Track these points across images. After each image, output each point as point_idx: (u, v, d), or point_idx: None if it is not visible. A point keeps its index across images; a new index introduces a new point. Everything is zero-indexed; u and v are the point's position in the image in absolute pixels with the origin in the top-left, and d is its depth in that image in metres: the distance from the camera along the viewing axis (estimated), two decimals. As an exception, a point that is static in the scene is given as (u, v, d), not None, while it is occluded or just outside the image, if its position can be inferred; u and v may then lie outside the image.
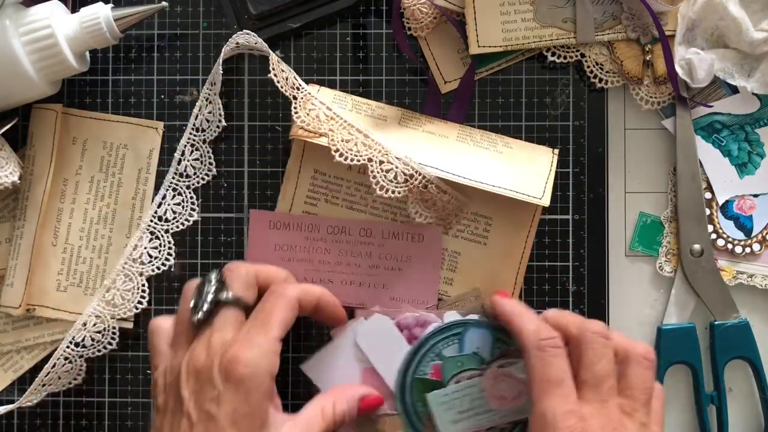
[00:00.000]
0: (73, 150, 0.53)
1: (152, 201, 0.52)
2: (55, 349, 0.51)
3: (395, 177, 0.48)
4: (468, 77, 0.52)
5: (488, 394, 0.47)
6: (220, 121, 0.51)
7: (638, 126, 0.53)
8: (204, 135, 0.52)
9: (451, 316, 0.49)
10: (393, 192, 0.48)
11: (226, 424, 0.40)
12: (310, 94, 0.49)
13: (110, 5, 0.49)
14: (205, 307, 0.43)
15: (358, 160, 0.48)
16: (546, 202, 0.49)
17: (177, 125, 0.53)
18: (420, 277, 0.51)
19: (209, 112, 0.52)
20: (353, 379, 0.49)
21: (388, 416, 0.48)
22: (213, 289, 0.43)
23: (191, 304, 0.43)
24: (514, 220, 0.51)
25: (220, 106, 0.51)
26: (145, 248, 0.52)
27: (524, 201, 0.49)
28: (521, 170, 0.49)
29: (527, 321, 0.44)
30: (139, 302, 0.52)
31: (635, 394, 0.42)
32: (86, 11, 0.49)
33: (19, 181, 0.50)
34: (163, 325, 0.45)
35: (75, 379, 0.53)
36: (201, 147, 0.52)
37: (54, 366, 0.51)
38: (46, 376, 0.51)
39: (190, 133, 0.52)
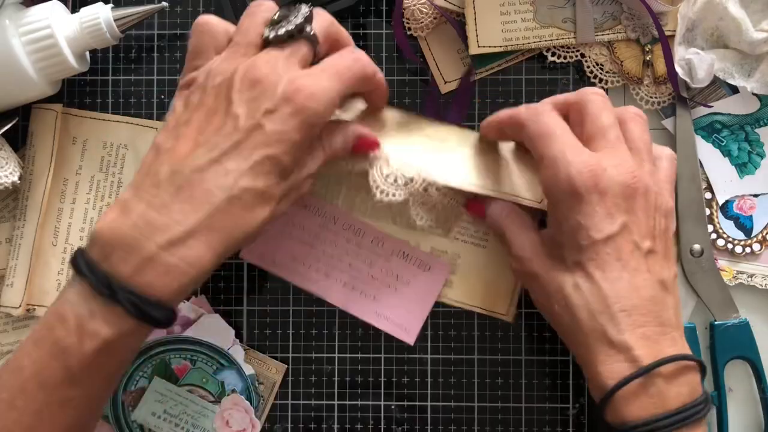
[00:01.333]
0: (73, 150, 0.53)
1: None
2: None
3: (395, 180, 0.48)
4: (466, 79, 0.52)
5: None
6: None
7: (638, 126, 0.53)
8: None
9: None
10: (393, 195, 0.47)
11: (273, 140, 0.39)
12: None
13: (110, 5, 0.49)
14: (288, 27, 0.41)
15: (360, 166, 0.48)
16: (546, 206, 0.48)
17: (177, 125, 0.53)
18: (411, 304, 0.51)
19: None
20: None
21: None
22: (301, 18, 0.41)
23: (273, 18, 0.42)
24: None
25: None
26: None
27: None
28: (523, 176, 0.49)
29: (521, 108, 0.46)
30: None
31: (638, 145, 0.44)
32: (86, 11, 0.49)
33: (19, 181, 0.50)
34: (217, 26, 0.43)
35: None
36: None
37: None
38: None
39: None
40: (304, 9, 0.42)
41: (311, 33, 0.42)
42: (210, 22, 0.43)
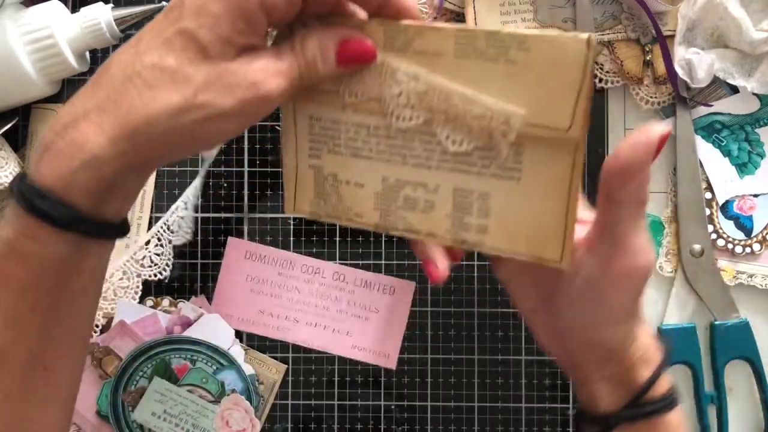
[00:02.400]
0: (73, 150, 0.53)
1: (152, 199, 0.52)
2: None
3: (408, 99, 0.37)
4: None
5: None
6: None
7: (638, 126, 0.53)
8: None
9: None
10: (411, 119, 0.37)
11: (189, 13, 0.33)
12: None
13: (110, 5, 0.49)
14: None
15: (359, 93, 0.38)
16: (576, 134, 0.34)
17: (177, 125, 0.53)
18: (385, 330, 0.52)
19: None
20: None
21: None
22: None
23: None
24: (548, 145, 0.36)
25: None
26: (149, 252, 0.52)
27: (550, 123, 0.36)
28: (542, 85, 0.35)
29: None
30: (164, 269, 0.53)
31: None
32: (86, 11, 0.49)
33: (19, 181, 0.50)
34: None
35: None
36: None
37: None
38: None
39: None
40: None
41: None
42: None
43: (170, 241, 0.52)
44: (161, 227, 0.52)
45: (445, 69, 0.36)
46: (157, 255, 0.52)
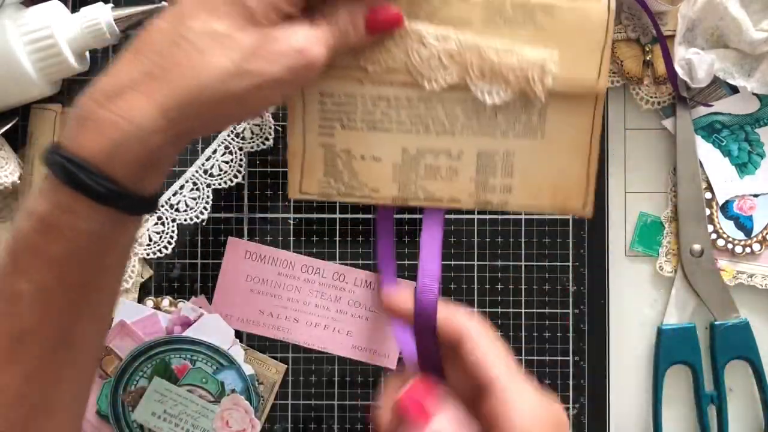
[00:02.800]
0: (73, 150, 0.53)
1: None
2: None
3: (440, 60, 0.38)
4: None
5: None
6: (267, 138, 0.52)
7: (638, 126, 0.53)
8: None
9: None
10: (445, 79, 0.39)
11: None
12: None
13: (110, 5, 0.49)
14: None
15: (383, 62, 0.39)
16: (603, 85, 0.39)
17: (177, 125, 0.53)
18: (385, 330, 0.52)
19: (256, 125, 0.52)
20: None
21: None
22: None
23: None
24: (571, 100, 0.40)
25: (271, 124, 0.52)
26: (185, 197, 0.52)
27: (579, 76, 0.39)
28: (570, 46, 0.39)
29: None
30: (165, 247, 0.52)
31: None
32: (86, 11, 0.49)
33: (19, 181, 0.50)
34: None
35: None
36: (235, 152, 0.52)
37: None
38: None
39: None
40: None
41: None
42: None
43: (174, 220, 0.52)
44: (196, 171, 0.52)
45: (474, 35, 0.38)
46: (193, 199, 0.52)
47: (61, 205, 0.32)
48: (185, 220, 0.52)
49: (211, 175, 0.52)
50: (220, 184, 0.52)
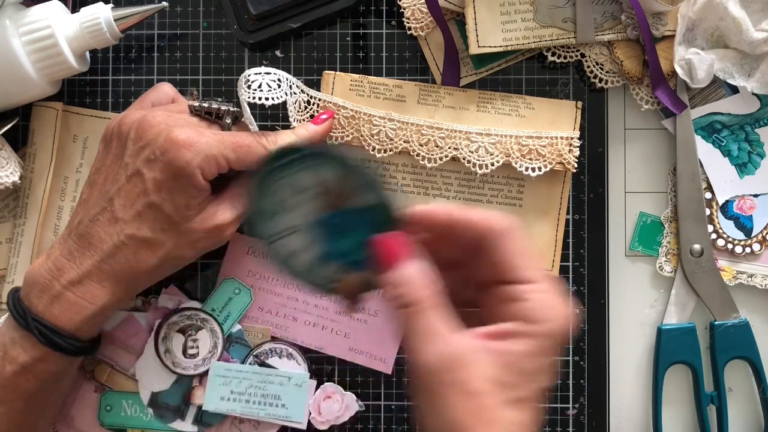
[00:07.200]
0: (73, 148, 0.53)
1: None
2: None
3: (487, 151, 0.50)
4: (448, 37, 0.50)
5: None
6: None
7: (638, 126, 0.53)
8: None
9: None
10: (492, 165, 0.50)
11: (152, 188, 0.43)
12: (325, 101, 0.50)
13: (110, 5, 0.49)
14: (213, 105, 0.48)
15: (444, 156, 0.50)
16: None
17: (177, 125, 0.53)
18: (382, 334, 0.52)
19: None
20: None
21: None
22: (226, 107, 0.48)
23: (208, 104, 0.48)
24: (547, 179, 0.51)
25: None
26: None
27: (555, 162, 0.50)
28: (542, 134, 0.50)
29: None
30: None
31: None
32: (86, 11, 0.49)
33: (19, 181, 0.50)
34: (168, 90, 0.49)
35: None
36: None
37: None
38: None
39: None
40: (236, 109, 0.48)
41: (228, 124, 0.48)
42: (165, 85, 0.50)
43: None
44: None
45: (469, 120, 0.51)
46: None
47: (36, 357, 0.44)
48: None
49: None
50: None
